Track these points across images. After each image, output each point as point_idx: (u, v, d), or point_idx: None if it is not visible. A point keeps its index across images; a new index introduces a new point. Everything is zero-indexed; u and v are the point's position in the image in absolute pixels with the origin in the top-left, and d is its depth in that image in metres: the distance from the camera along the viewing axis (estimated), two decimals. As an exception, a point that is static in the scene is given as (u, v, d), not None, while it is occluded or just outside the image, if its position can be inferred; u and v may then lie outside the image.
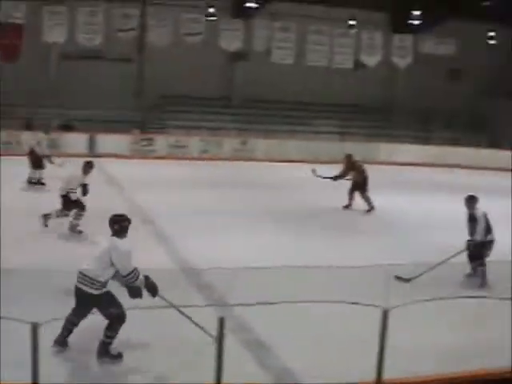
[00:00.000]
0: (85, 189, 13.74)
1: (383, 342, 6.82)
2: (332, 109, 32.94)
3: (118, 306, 7.64)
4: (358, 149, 28.45)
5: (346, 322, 8.71)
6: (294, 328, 8.60)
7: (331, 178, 18.63)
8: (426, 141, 31.58)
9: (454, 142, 31.46)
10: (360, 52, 32.13)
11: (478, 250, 11.45)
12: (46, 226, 13.72)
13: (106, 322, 7.67)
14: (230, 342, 6.72)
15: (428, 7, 29.09)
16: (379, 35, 32.28)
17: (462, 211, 11.60)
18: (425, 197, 20.68)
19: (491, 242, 11.48)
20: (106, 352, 7.78)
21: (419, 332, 8.79)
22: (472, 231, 11.59)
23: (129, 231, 7.83)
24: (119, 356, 7.79)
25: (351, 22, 31.13)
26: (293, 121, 31.73)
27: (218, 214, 16.28)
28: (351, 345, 8.26)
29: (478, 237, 11.39)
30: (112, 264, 7.61)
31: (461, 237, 11.66)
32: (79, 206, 13.73)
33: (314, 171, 18.50)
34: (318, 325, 8.74)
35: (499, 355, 7.64)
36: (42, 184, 18.96)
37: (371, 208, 18.34)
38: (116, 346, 7.65)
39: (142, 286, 7.63)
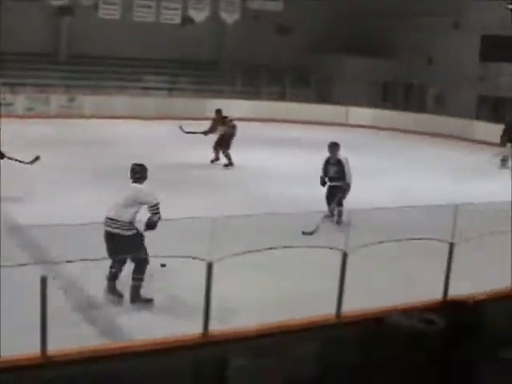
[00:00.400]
0: None
1: (208, 294, 7.40)
2: (160, 64, 35.59)
3: (145, 248, 9.42)
4: (186, 104, 30.52)
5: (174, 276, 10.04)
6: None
7: (201, 132, 20.95)
8: (254, 96, 33.37)
9: (282, 97, 33.53)
10: (188, 7, 33.41)
11: (340, 191, 14.56)
12: None
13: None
14: (59, 301, 7.66)
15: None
16: (207, -10, 33.85)
17: (297, 163, 13.46)
18: (261, 151, 23.57)
19: (349, 185, 14.63)
20: (138, 296, 9.58)
21: (245, 283, 10.18)
22: (337, 174, 14.61)
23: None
24: (150, 300, 9.57)
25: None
26: (121, 77, 34.07)
27: (46, 171, 17.32)
28: (180, 298, 9.60)
29: (348, 178, 14.63)
30: (136, 205, 9.70)
31: (298, 187, 13.73)
32: None
33: (181, 128, 20.33)
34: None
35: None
36: None
37: (230, 164, 20.85)
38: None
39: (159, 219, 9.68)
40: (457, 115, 32.36)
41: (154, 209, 9.69)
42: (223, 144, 21.07)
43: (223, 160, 20.99)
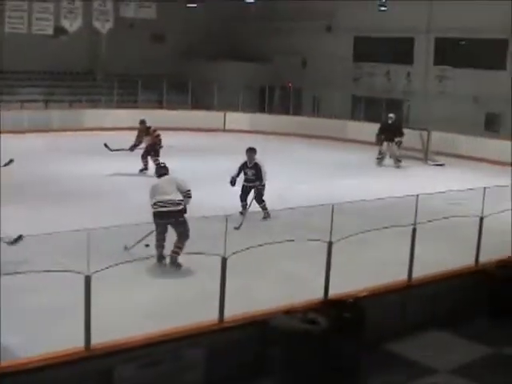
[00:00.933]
0: None
1: (89, 307, 7.45)
2: (35, 76, 34.58)
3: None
4: (64, 116, 30.04)
5: (55, 291, 9.71)
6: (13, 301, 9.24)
7: (128, 149, 21.23)
8: (131, 105, 33.25)
9: (160, 105, 33.52)
10: (60, 17, 33.02)
11: (256, 191, 16.08)
12: None
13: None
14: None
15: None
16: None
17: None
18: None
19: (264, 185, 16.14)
20: (176, 262, 11.73)
21: (124, 293, 10.07)
22: (253, 176, 16.18)
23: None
24: (180, 265, 11.66)
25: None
26: None
27: None
28: (61, 312, 9.29)
29: (265, 181, 16.12)
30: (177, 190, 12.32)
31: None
32: None
33: (106, 145, 19.65)
34: (25, 296, 9.72)
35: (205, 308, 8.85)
36: None
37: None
38: None
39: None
40: (332, 116, 33.00)
41: (189, 193, 12.37)
42: (152, 153, 20.97)
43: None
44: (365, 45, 35.61)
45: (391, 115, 26.09)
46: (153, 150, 21.23)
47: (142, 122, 21.94)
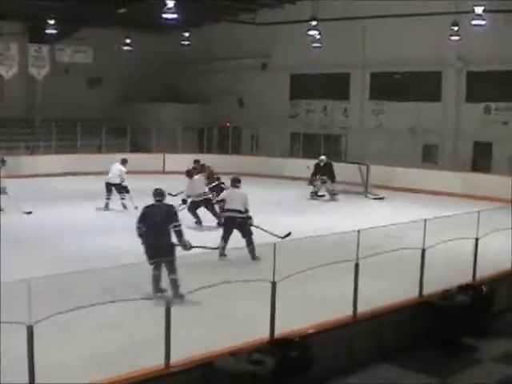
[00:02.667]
0: None
1: (32, 357, 7.35)
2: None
3: None
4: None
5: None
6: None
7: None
8: (70, 150, 32.98)
9: (99, 149, 33.40)
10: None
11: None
12: None
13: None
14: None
15: (63, 16, 30.56)
16: (15, 46, 33.45)
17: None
18: (74, 205, 22.95)
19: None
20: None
21: (66, 342, 9.75)
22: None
23: None
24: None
25: (-15, 34, 31.71)
26: None
27: None
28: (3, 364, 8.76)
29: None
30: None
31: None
32: None
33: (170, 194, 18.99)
34: None
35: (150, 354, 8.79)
36: None
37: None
38: None
39: None
40: (271, 154, 33.15)
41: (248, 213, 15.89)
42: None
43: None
44: (301, 82, 36.01)
45: (322, 157, 26.32)
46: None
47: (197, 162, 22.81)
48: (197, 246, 12.59)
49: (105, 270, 10.27)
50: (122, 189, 22.43)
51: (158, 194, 12.78)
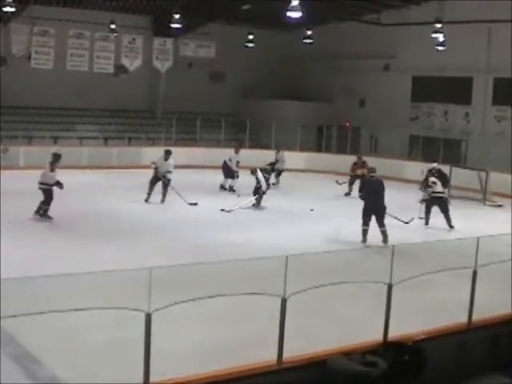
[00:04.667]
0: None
1: (148, 345, 7.41)
2: (95, 114, 35.28)
3: None
4: (122, 153, 30.45)
5: (112, 328, 9.79)
6: (61, 338, 9.59)
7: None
8: (190, 143, 33.46)
9: (218, 144, 33.76)
10: (121, 56, 33.65)
11: None
12: None
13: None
14: None
15: (188, 11, 31.09)
16: (140, 39, 34.27)
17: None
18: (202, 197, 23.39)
19: None
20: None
21: (181, 332, 10.03)
22: None
23: None
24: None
25: (112, 26, 33.17)
26: (57, 127, 32.89)
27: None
28: (118, 350, 9.35)
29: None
30: None
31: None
32: None
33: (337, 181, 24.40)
34: (83, 333, 9.78)
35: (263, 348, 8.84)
36: None
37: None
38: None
39: None
40: (389, 156, 32.89)
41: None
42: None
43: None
44: (423, 84, 35.57)
45: (434, 165, 25.80)
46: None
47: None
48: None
49: (224, 263, 10.51)
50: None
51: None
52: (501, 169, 27.67)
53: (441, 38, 30.04)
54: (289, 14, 23.80)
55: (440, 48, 30.95)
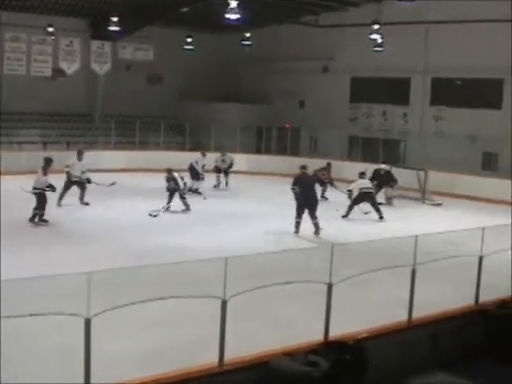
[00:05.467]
0: None
1: (88, 350, 7.42)
2: (32, 118, 34.49)
3: None
4: (60, 157, 29.98)
5: (52, 334, 9.57)
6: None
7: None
8: (129, 146, 33.30)
9: (158, 147, 33.69)
10: (58, 59, 33.33)
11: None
12: None
13: None
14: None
15: (126, 14, 30.92)
16: (78, 42, 34.00)
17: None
18: (139, 202, 23.22)
19: None
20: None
21: (122, 336, 9.91)
22: None
23: None
24: None
25: (49, 29, 32.69)
26: None
27: None
28: (58, 356, 9.19)
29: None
30: None
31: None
32: None
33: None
34: (23, 338, 9.57)
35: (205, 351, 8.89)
36: None
37: None
38: None
39: None
40: (329, 157, 33.06)
41: None
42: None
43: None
44: (362, 85, 35.88)
45: (383, 166, 26.19)
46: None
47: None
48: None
49: (164, 266, 10.44)
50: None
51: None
52: (439, 168, 28.03)
53: (379, 39, 30.39)
54: (227, 15, 23.86)
55: (378, 49, 31.27)
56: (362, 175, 23.36)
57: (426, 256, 11.02)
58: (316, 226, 19.08)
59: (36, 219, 19.04)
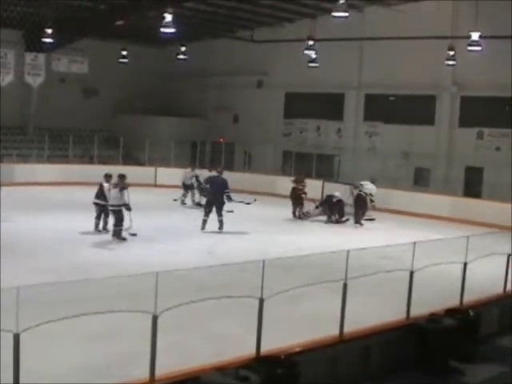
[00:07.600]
0: None
1: (17, 366, 7.30)
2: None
3: None
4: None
5: None
6: None
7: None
8: (62, 159, 32.97)
9: (91, 160, 33.40)
10: (-9, 71, 32.95)
11: None
12: None
13: None
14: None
15: (60, 26, 30.55)
16: (11, 54, 33.47)
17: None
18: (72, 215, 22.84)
19: None
20: None
21: (52, 352, 9.71)
22: None
23: None
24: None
25: (-18, 41, 31.70)
26: None
27: None
28: None
29: None
30: None
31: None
32: None
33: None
34: None
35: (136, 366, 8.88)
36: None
37: None
38: None
39: None
40: (263, 171, 33.16)
41: None
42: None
43: None
44: (296, 100, 36.14)
45: (337, 194, 26.03)
46: None
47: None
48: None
49: (96, 281, 10.32)
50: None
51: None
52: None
53: (313, 54, 30.63)
54: (162, 29, 23.83)
55: (312, 65, 31.51)
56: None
57: (362, 270, 11.09)
58: (220, 222, 21.30)
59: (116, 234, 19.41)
